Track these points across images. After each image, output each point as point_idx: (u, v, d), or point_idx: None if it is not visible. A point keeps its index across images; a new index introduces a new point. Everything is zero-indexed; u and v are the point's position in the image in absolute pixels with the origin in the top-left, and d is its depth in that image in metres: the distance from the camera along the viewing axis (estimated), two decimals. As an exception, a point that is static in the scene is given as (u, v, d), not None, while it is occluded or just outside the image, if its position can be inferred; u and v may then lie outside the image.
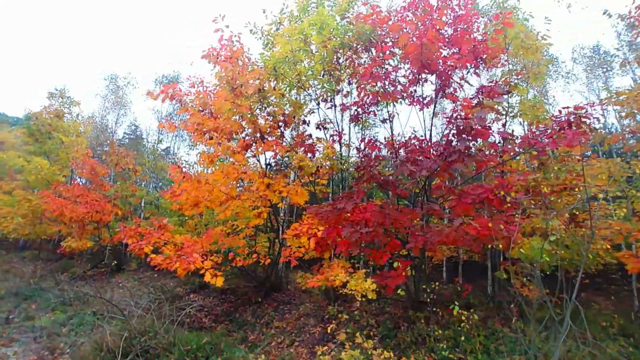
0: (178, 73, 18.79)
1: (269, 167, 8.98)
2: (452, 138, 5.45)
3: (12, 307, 8.75)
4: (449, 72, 6.83)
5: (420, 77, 7.33)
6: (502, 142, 8.67)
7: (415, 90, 7.62)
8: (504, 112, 9.72)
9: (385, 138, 8.71)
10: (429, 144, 7.18)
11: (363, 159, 5.90)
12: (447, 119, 6.29)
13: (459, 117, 5.56)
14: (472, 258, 12.67)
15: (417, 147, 5.96)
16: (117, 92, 19.85)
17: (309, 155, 7.86)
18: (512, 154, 8.19)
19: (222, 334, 7.29)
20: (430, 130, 8.37)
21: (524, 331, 7.76)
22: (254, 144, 8.28)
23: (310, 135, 8.77)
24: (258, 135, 8.68)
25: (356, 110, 7.71)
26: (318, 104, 9.39)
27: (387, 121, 7.61)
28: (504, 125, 9.53)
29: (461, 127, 5.19)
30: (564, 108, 7.02)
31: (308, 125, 9.10)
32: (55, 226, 15.89)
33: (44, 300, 9.15)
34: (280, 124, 8.67)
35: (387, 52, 7.04)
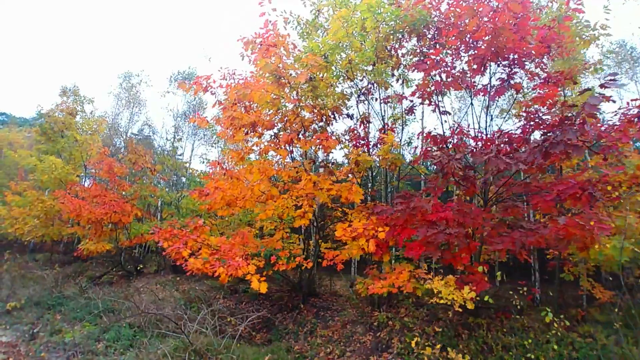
0: (194, 69, 18.19)
1: (314, 163, 8.36)
2: (554, 129, 4.85)
3: (35, 318, 7.99)
4: (523, 60, 6.25)
5: (485, 66, 6.74)
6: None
7: (476, 81, 7.05)
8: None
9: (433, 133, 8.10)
10: (488, 136, 6.59)
11: (441, 154, 5.32)
12: (525, 111, 5.72)
13: (550, 104, 4.96)
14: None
15: (506, 141, 5.37)
16: (131, 90, 19.21)
17: (363, 149, 7.24)
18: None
19: (276, 346, 6.66)
20: (487, 123, 7.79)
21: (592, 335, 7.23)
22: (297, 139, 7.66)
23: (354, 129, 8.16)
24: (296, 128, 8.09)
25: (411, 101, 7.11)
26: (359, 95, 8.79)
27: (447, 113, 7.00)
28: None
29: (569, 115, 4.59)
30: (632, 100, 6.57)
31: (351, 119, 8.50)
32: (69, 228, 15.29)
33: (69, 310, 8.44)
34: (323, 117, 8.06)
35: (451, 37, 6.42)
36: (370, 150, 7.44)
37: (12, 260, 13.14)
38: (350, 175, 9.18)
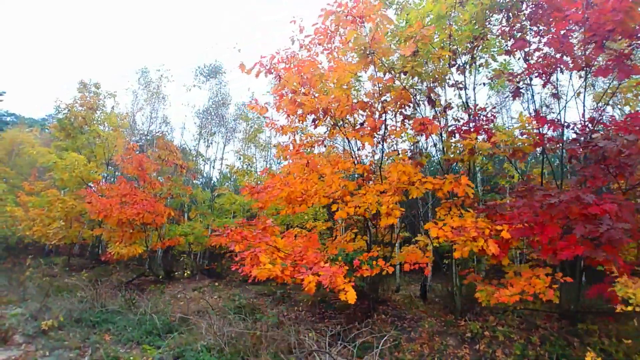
0: (220, 62, 17.22)
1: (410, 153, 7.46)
2: None
3: (80, 340, 6.56)
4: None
5: (604, 44, 5.90)
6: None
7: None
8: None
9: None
10: None
11: (602, 137, 4.48)
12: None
13: None
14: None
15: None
16: (149, 86, 18.16)
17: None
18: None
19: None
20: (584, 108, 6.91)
21: None
22: (383, 125, 6.77)
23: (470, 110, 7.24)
24: (380, 113, 7.21)
25: (518, 82, 6.24)
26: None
27: (558, 97, 6.14)
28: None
29: None
30: None
31: (432, 105, 7.61)
32: (93, 230, 14.24)
33: (119, 329, 7.10)
34: (407, 101, 7.17)
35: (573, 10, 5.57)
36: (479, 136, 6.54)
37: (34, 266, 12.03)
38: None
